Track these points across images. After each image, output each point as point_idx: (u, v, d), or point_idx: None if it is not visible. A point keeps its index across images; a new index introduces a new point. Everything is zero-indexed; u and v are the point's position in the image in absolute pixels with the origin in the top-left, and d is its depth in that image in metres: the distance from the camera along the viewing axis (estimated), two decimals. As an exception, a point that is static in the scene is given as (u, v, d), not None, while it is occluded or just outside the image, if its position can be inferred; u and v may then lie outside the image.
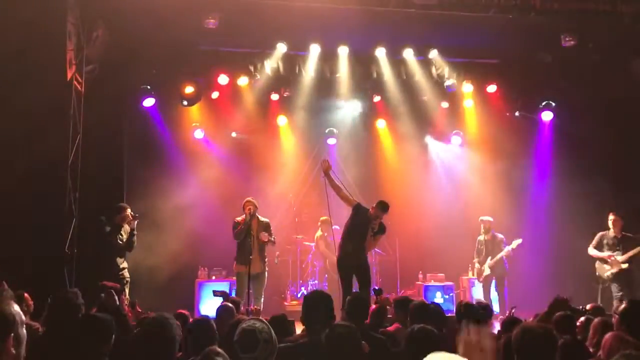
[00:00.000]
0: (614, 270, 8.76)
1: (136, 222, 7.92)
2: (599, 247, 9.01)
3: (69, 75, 7.57)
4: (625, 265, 8.70)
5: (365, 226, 7.73)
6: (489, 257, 9.88)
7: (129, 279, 7.85)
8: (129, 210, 7.95)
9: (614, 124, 10.22)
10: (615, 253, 8.80)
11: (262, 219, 8.45)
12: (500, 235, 9.96)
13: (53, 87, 7.35)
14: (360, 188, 10.84)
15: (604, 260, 8.89)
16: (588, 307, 5.53)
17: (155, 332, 3.02)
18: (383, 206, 7.68)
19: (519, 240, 9.73)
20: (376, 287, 7.10)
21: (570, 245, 9.85)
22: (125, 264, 7.87)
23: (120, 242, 7.80)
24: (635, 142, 10.08)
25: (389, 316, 5.84)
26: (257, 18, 8.50)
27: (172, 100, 10.11)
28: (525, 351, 2.84)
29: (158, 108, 9.95)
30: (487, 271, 9.90)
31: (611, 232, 8.94)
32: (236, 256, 8.36)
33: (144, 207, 9.28)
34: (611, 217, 8.92)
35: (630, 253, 8.69)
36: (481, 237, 10.06)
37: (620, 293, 8.55)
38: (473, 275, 10.37)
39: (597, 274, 9.03)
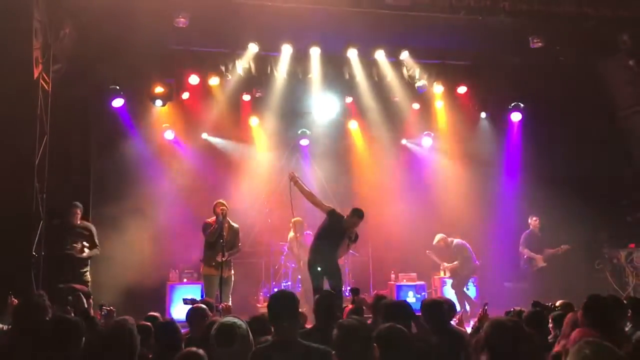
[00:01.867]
0: (537, 267, 9.93)
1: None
2: (527, 245, 10.12)
3: (36, 74, 7.39)
4: (544, 264, 9.92)
5: (339, 232, 7.68)
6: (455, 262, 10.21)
7: (89, 281, 7.72)
8: (78, 211, 7.86)
9: (581, 124, 10.44)
10: (540, 252, 10.02)
11: (233, 224, 8.34)
12: (455, 241, 10.20)
13: (19, 86, 7.17)
14: (332, 189, 10.86)
15: (530, 259, 10.06)
16: (557, 303, 5.62)
17: (112, 339, 2.97)
18: (359, 213, 7.66)
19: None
20: (353, 287, 7.10)
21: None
22: (87, 268, 7.71)
23: (71, 249, 7.62)
24: (601, 141, 10.31)
25: (365, 316, 5.85)
26: (228, 18, 8.45)
27: (142, 101, 9.98)
28: (495, 344, 2.86)
29: (127, 108, 9.80)
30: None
31: (534, 232, 10.16)
32: (204, 258, 8.23)
33: (113, 209, 9.15)
34: (534, 219, 10.15)
35: (548, 253, 9.94)
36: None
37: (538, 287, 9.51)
38: (444, 274, 10.50)
39: (525, 266, 10.15)
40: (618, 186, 10.41)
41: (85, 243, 7.90)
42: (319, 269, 7.73)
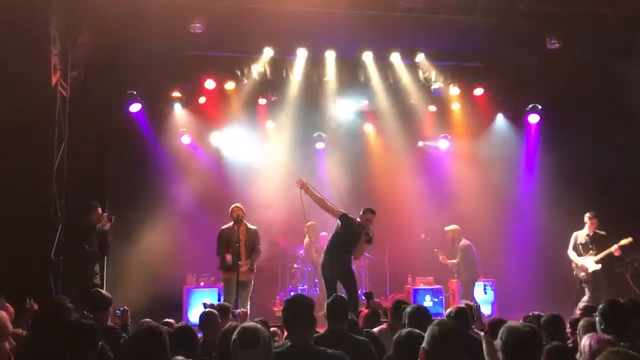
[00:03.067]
0: (588, 272, 8.97)
1: (110, 224, 7.58)
2: (574, 247, 9.22)
3: (54, 81, 7.49)
4: (597, 267, 8.91)
5: (353, 236, 7.67)
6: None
7: (98, 284, 7.68)
8: (100, 210, 7.60)
9: (600, 125, 10.30)
10: (589, 253, 9.01)
11: (250, 226, 8.34)
12: (463, 240, 9.86)
13: (38, 92, 7.27)
14: (349, 193, 10.83)
15: (577, 264, 9.14)
16: (580, 305, 5.56)
17: (148, 340, 3.02)
18: (372, 209, 7.65)
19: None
20: (367, 291, 7.06)
21: (557, 247, 9.92)
22: (97, 269, 7.59)
23: (88, 248, 7.38)
24: (620, 142, 10.16)
25: (382, 320, 5.82)
26: (243, 22, 8.49)
27: (159, 106, 10.08)
28: (510, 350, 2.83)
29: (144, 113, 9.89)
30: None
31: (584, 231, 9.15)
32: (221, 263, 8.28)
33: (131, 213, 9.23)
34: (588, 216, 9.13)
35: (601, 255, 8.89)
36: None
37: (588, 294, 8.85)
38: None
39: (574, 273, 9.22)
40: (638, 187, 10.23)
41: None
42: (333, 273, 7.72)
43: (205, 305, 6.57)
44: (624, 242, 8.81)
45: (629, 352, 2.44)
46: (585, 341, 3.44)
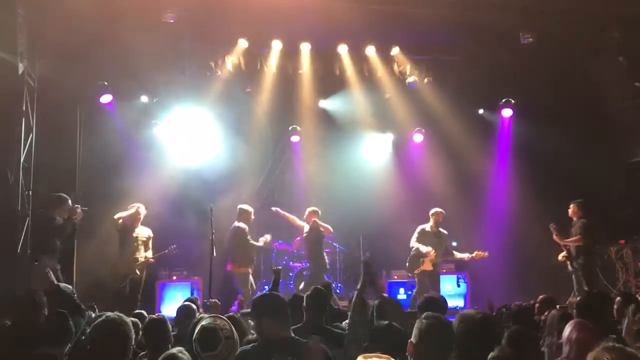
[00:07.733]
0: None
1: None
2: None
3: (21, 70, 7.26)
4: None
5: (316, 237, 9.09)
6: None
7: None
8: (70, 202, 7.37)
9: (572, 121, 10.43)
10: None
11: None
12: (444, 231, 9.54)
13: (3, 82, 7.05)
14: (323, 186, 10.79)
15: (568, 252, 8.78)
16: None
17: (109, 332, 2.94)
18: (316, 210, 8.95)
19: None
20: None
21: (530, 239, 10.04)
22: (59, 265, 7.32)
23: (58, 242, 7.18)
24: (593, 138, 10.30)
25: None
26: (217, 13, 8.40)
27: (131, 97, 9.87)
28: (463, 337, 2.85)
29: (116, 104, 9.68)
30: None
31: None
32: (237, 257, 8.81)
33: (101, 206, 9.03)
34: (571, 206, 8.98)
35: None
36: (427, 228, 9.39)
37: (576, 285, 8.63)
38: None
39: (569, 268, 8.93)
40: (608, 182, 10.39)
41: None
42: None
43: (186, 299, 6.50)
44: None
45: (624, 347, 2.37)
46: (576, 335, 3.40)
